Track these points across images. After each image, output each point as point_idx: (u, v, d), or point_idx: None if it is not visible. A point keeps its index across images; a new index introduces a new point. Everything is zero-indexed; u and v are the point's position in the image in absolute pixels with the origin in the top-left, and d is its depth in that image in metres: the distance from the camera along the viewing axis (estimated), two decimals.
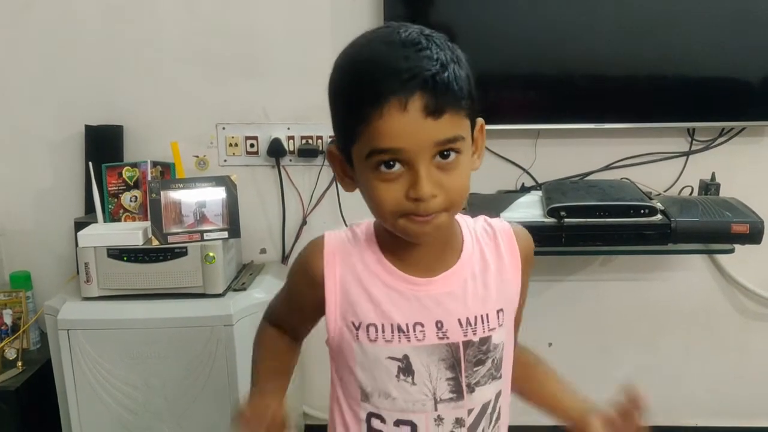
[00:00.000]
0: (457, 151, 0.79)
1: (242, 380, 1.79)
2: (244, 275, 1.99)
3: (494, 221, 0.97)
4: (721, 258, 2.15)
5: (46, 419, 1.92)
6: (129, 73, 2.09)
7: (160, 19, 2.06)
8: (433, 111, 0.75)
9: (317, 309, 0.92)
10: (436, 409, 0.88)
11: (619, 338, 2.26)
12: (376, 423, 0.90)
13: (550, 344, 2.20)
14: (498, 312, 0.91)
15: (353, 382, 0.91)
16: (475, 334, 0.88)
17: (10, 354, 1.92)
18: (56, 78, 2.09)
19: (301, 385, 2.19)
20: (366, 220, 0.94)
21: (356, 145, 0.80)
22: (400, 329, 0.87)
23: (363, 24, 1.95)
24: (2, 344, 1.90)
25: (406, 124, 0.75)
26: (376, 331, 0.87)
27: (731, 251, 1.86)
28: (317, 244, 0.92)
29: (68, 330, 1.76)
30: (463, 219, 0.95)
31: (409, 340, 0.87)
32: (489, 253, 0.93)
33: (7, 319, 1.97)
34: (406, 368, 0.87)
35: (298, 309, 0.99)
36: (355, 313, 0.88)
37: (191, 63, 2.08)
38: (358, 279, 0.89)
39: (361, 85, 0.77)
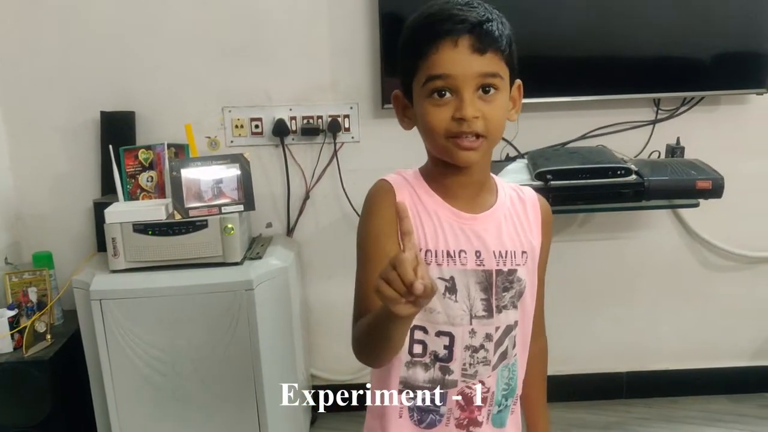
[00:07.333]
0: (496, 88, 0.98)
1: (263, 342, 1.96)
2: (256, 246, 2.15)
3: (523, 188, 1.16)
4: (687, 216, 2.38)
5: (76, 385, 2.06)
6: (140, 62, 2.21)
7: (168, 8, 2.18)
8: (478, 49, 0.96)
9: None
10: (471, 324, 1.06)
11: (596, 293, 2.48)
12: (419, 334, 1.06)
13: None
14: (522, 253, 1.08)
15: None
16: (504, 265, 1.06)
17: (40, 327, 2.04)
18: (71, 67, 2.21)
19: (307, 348, 2.35)
20: (411, 168, 1.11)
21: (416, 77, 1.00)
22: (449, 254, 1.04)
23: (360, 9, 2.12)
24: (32, 319, 2.02)
25: (456, 56, 0.96)
26: (432, 255, 1.04)
27: (696, 205, 2.09)
28: (383, 185, 1.06)
29: (100, 300, 1.90)
30: (497, 177, 1.14)
31: (455, 264, 1.04)
32: (518, 208, 1.12)
33: (33, 297, 2.08)
34: (451, 288, 1.04)
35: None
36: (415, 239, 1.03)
37: (197, 51, 2.21)
38: (415, 210, 1.05)
39: (423, 28, 0.99)
